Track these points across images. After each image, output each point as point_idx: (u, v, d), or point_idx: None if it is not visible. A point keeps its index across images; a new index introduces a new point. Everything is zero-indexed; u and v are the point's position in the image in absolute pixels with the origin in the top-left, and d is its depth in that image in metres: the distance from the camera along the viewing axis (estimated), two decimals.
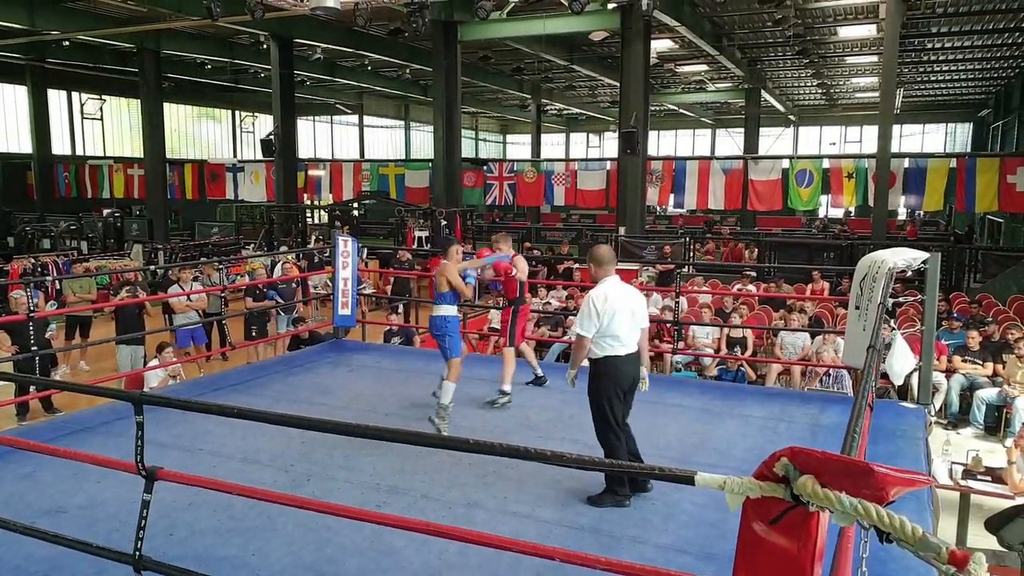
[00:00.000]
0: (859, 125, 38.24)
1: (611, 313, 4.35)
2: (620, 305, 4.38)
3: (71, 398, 8.53)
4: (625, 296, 4.47)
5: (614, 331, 4.36)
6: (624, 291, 4.51)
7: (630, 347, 4.43)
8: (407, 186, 25.69)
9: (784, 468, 1.60)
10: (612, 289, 4.45)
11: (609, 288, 4.45)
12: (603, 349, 4.39)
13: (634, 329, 4.46)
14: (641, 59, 17.34)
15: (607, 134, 44.44)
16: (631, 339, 4.44)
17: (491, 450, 2.34)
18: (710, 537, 3.82)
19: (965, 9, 18.64)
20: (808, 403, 6.33)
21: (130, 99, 29.54)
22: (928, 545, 1.37)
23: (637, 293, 4.65)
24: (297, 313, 11.64)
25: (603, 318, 4.35)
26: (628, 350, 4.41)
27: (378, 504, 4.14)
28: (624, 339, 4.39)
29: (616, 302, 4.38)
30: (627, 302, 4.44)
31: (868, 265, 5.48)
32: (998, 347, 9.54)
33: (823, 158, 21.12)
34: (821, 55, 24.85)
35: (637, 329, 4.49)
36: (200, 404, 3.13)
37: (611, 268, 4.59)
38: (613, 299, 4.38)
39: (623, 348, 4.39)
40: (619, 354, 4.38)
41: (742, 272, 14.29)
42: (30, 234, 22.47)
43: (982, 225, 26.02)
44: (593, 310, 4.37)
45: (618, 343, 4.38)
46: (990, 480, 6.40)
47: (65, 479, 4.41)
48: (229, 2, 13.75)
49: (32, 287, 7.80)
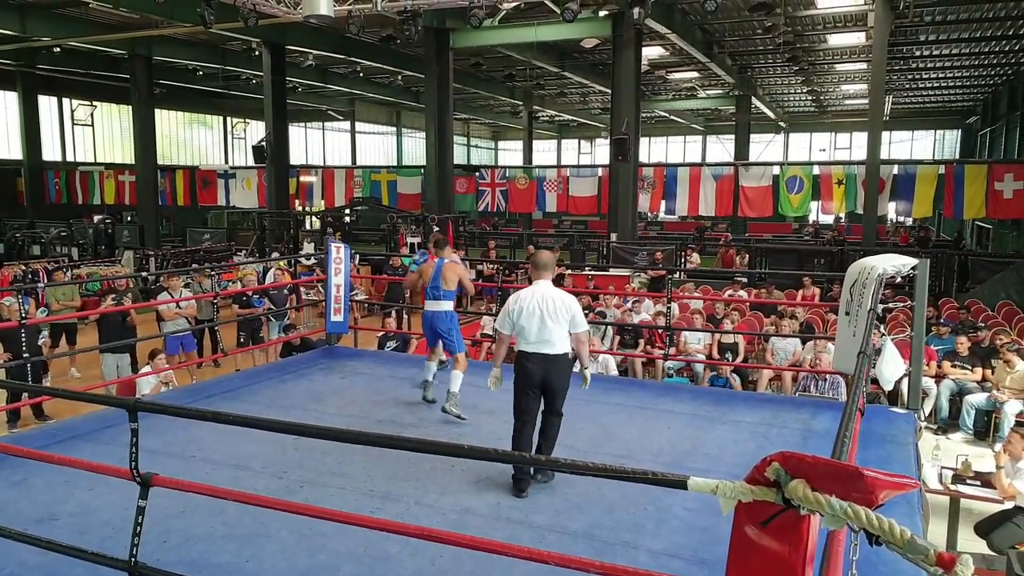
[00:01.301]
0: (849, 132, 38.52)
1: (517, 312, 4.73)
2: (528, 307, 4.71)
3: (61, 406, 8.49)
4: (539, 299, 4.73)
5: (521, 329, 4.75)
6: (542, 295, 4.75)
7: (537, 347, 4.69)
8: (399, 192, 25.73)
9: (775, 472, 1.62)
10: (529, 292, 4.81)
11: (529, 291, 4.82)
12: (518, 345, 4.82)
13: (544, 330, 4.67)
14: (632, 66, 17.45)
15: (599, 141, 44.62)
16: (539, 339, 4.68)
17: (485, 455, 2.36)
18: (703, 542, 3.83)
19: (953, 17, 18.82)
20: (800, 408, 6.36)
21: (121, 105, 29.49)
22: (916, 548, 1.39)
23: (559, 298, 4.78)
24: (289, 320, 11.63)
25: (513, 316, 4.75)
26: (535, 348, 4.69)
27: (372, 510, 4.14)
28: (530, 337, 4.70)
29: (524, 303, 4.73)
30: (539, 304, 4.71)
31: (858, 271, 5.52)
32: (987, 352, 9.61)
33: (813, 165, 21.26)
34: (811, 62, 25.04)
35: (550, 331, 4.68)
36: (194, 411, 3.14)
37: (544, 273, 4.89)
38: (523, 300, 4.75)
39: (529, 346, 4.71)
40: (526, 351, 4.73)
41: (733, 278, 14.35)
42: (20, 241, 22.36)
43: (971, 232, 26.23)
44: (505, 310, 4.86)
45: (523, 341, 4.74)
46: (979, 485, 6.44)
47: (57, 486, 4.39)
48: (222, 9, 13.76)
49: (22, 294, 7.76)
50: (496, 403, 6.36)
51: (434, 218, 19.42)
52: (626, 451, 5.26)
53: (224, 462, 4.85)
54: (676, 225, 30.86)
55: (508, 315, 4.78)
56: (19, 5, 18.00)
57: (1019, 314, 12.04)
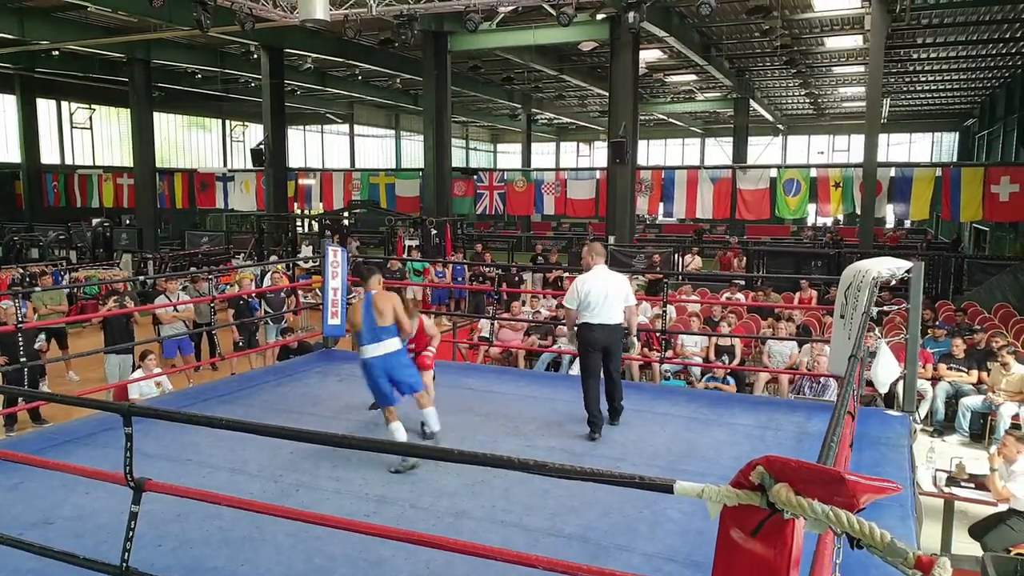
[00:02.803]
0: (847, 134, 38.59)
1: (585, 292, 5.65)
2: (595, 287, 5.65)
3: (58, 409, 8.49)
4: (603, 280, 5.70)
5: (587, 305, 5.66)
6: (604, 277, 5.74)
7: (602, 318, 5.65)
8: (397, 195, 25.74)
9: (760, 476, 1.64)
10: (592, 275, 5.73)
11: (592, 274, 5.74)
12: (582, 318, 5.72)
13: (606, 305, 5.64)
14: (630, 69, 17.48)
15: (597, 143, 44.69)
16: (603, 312, 5.64)
17: (478, 460, 2.38)
18: (697, 545, 3.85)
19: (949, 21, 18.88)
20: (795, 411, 6.38)
21: (120, 108, 29.51)
22: (895, 551, 1.41)
23: (618, 279, 5.82)
24: (286, 323, 11.63)
25: (581, 295, 5.66)
26: (600, 320, 5.64)
27: (367, 514, 4.15)
28: (596, 311, 5.64)
29: (591, 284, 5.66)
30: (604, 284, 5.66)
31: (853, 275, 5.54)
32: (983, 355, 9.63)
33: (811, 167, 21.29)
34: (808, 65, 25.10)
35: (612, 305, 5.66)
36: (189, 415, 3.15)
37: (600, 259, 5.89)
38: (589, 282, 5.68)
39: (594, 318, 5.66)
40: (591, 322, 5.67)
41: (730, 281, 14.36)
42: (18, 244, 22.35)
43: (969, 234, 26.28)
44: (573, 290, 5.75)
45: (588, 314, 5.67)
46: (974, 487, 6.46)
47: (53, 490, 4.40)
48: (219, 13, 13.77)
49: (20, 297, 7.76)
50: (492, 407, 6.39)
51: (432, 221, 19.44)
52: (621, 454, 5.28)
53: (220, 466, 4.87)
54: (674, 227, 30.90)
55: (577, 295, 5.65)
56: (18, 8, 18.03)
57: (1015, 316, 12.07)
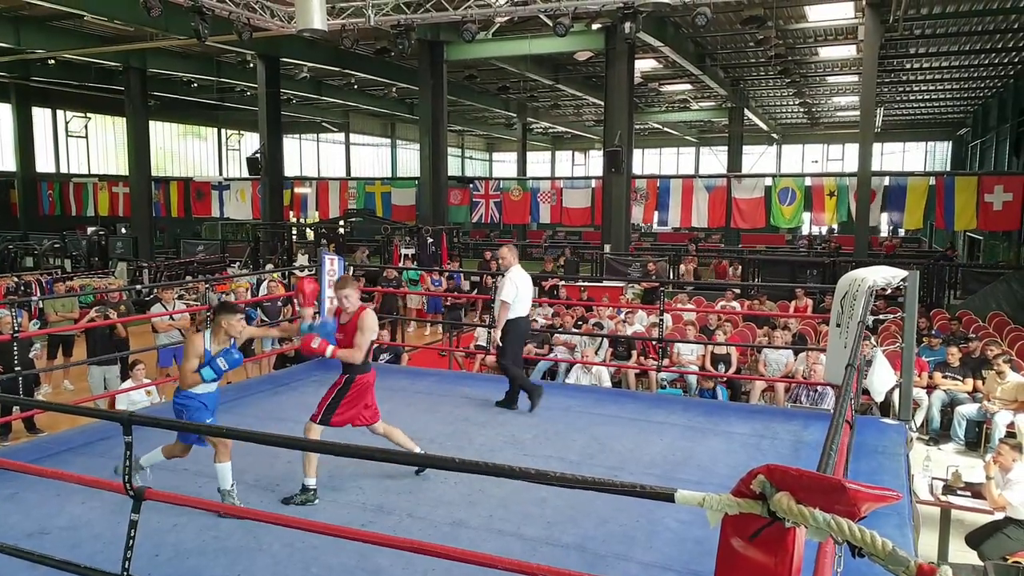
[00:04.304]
0: (841, 143, 38.78)
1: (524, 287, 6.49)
2: (528, 283, 6.59)
3: (54, 419, 8.46)
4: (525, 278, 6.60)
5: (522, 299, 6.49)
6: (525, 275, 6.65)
7: (527, 311, 6.64)
8: (393, 204, 25.77)
9: (761, 485, 1.64)
10: (521, 272, 6.62)
11: (521, 272, 6.61)
12: (515, 311, 6.49)
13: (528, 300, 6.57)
14: (625, 79, 17.56)
15: (592, 152, 44.81)
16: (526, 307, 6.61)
17: (478, 469, 2.38)
18: (695, 554, 3.84)
19: (942, 31, 19.00)
20: (791, 420, 6.38)
21: (116, 117, 29.49)
22: (897, 559, 1.42)
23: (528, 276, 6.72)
24: None
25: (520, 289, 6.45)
26: (527, 313, 6.66)
27: (364, 523, 4.14)
28: (527, 304, 6.60)
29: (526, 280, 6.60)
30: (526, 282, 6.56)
31: (848, 283, 5.56)
32: (978, 363, 9.66)
33: (805, 176, 21.37)
34: (803, 75, 25.24)
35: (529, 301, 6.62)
36: (187, 424, 3.15)
37: (517, 259, 6.71)
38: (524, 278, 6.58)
39: (525, 311, 6.60)
40: (524, 315, 6.59)
41: (726, 289, 14.40)
42: (13, 252, 22.30)
43: (963, 243, 26.40)
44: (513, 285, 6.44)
45: (522, 307, 6.52)
46: (970, 495, 6.46)
47: (49, 500, 4.38)
48: (216, 22, 13.81)
49: (16, 306, 7.74)
50: (489, 415, 6.38)
51: (428, 229, 19.45)
52: (618, 463, 5.27)
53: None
54: (669, 236, 30.98)
55: (516, 289, 6.37)
56: (14, 17, 18.03)
57: (1010, 325, 12.11)
